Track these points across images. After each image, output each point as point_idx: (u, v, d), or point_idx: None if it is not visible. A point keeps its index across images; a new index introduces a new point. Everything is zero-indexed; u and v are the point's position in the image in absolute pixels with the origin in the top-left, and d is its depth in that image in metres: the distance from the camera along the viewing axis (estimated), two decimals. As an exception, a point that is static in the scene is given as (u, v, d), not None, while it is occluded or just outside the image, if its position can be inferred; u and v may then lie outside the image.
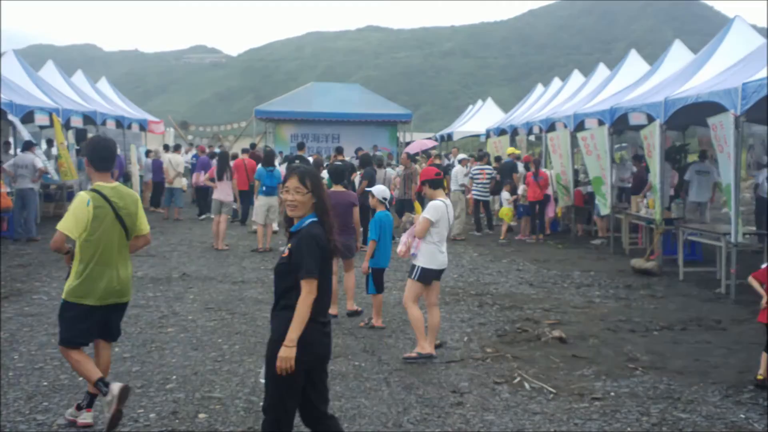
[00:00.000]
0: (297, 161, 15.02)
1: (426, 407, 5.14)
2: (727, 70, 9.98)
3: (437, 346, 6.63)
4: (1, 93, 13.77)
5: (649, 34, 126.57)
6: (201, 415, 4.95)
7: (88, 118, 18.39)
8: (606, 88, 14.81)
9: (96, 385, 4.51)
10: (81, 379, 5.64)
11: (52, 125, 15.66)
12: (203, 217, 17.12)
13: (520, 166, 16.58)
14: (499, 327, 7.48)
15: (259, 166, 13.28)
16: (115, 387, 4.43)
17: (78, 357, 4.63)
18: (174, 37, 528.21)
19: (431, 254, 6.37)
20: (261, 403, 5.15)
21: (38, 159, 13.98)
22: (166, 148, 20.85)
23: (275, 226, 13.29)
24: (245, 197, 15.10)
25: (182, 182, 18.46)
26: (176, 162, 18.20)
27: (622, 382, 5.74)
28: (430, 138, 35.15)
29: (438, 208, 6.35)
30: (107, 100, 22.10)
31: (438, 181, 6.54)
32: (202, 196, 17.51)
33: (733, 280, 8.95)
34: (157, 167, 18.30)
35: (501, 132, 21.79)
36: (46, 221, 16.20)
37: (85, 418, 4.73)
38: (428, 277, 6.43)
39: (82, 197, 4.62)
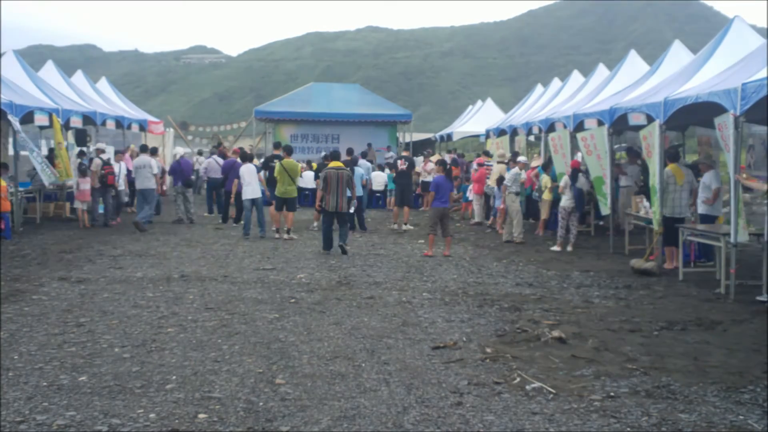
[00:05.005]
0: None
1: (426, 407, 5.14)
2: (726, 70, 9.98)
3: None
4: (1, 93, 13.78)
5: (648, 34, 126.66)
6: (201, 415, 4.94)
7: (88, 119, 18.40)
8: (605, 89, 14.81)
9: None
10: (81, 379, 5.66)
11: (51, 125, 15.66)
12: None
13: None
14: (498, 327, 7.48)
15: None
16: None
17: None
18: (174, 37, 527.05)
19: None
20: (261, 403, 5.17)
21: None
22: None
23: None
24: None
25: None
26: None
27: (622, 382, 5.74)
28: (429, 138, 35.23)
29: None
30: (107, 100, 22.10)
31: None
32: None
33: (733, 280, 8.95)
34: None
35: (501, 132, 21.80)
36: (46, 221, 16.22)
37: None
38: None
39: None
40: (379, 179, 21.05)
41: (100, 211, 16.16)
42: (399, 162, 17.02)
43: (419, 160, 21.97)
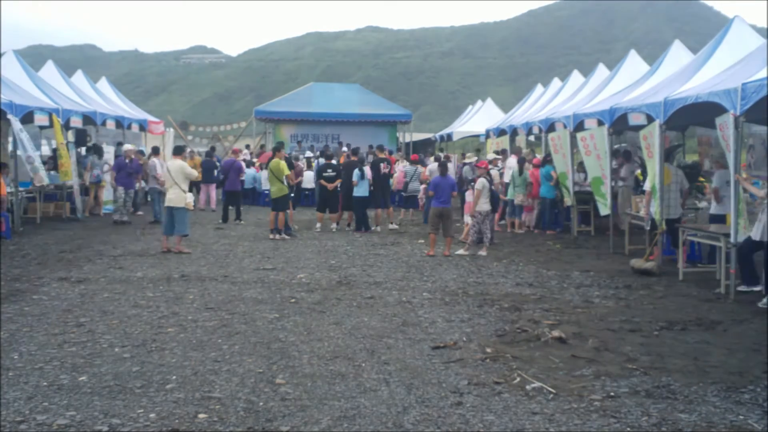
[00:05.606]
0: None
1: (426, 407, 5.14)
2: (726, 70, 9.97)
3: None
4: (1, 93, 13.77)
5: (648, 34, 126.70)
6: (201, 415, 4.94)
7: (88, 119, 18.40)
8: (605, 89, 14.80)
9: None
10: (81, 379, 5.66)
11: (51, 125, 15.66)
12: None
13: None
14: (498, 327, 7.48)
15: None
16: None
17: None
18: (174, 37, 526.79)
19: None
20: (261, 403, 5.17)
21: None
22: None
23: None
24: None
25: None
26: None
27: (622, 382, 5.74)
28: (429, 138, 35.21)
29: None
30: (107, 100, 22.10)
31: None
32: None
33: (733, 280, 8.95)
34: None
35: (501, 132, 21.80)
36: (46, 221, 16.22)
37: None
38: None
39: None
40: None
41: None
42: (382, 165, 16.51)
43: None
